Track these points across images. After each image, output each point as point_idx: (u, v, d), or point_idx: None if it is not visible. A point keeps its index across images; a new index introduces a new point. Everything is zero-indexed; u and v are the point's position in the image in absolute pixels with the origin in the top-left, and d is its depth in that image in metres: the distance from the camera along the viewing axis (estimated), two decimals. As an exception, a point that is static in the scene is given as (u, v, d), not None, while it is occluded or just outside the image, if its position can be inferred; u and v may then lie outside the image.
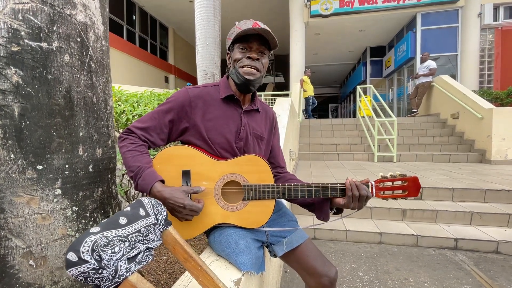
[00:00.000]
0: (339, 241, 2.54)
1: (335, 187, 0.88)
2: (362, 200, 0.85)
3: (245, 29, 0.86)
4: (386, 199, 0.91)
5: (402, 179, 0.89)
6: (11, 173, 0.69)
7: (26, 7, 0.69)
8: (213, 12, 3.50)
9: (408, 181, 0.89)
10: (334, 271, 0.94)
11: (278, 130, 1.16)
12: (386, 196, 0.90)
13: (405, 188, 0.89)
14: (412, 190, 0.89)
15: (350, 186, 0.85)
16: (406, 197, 0.89)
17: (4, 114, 0.67)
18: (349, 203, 0.86)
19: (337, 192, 0.88)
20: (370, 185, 0.88)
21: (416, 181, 0.89)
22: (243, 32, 0.87)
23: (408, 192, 0.89)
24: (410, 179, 0.88)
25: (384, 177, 0.90)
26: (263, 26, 0.88)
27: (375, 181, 0.89)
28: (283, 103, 3.88)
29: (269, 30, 0.87)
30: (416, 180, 0.89)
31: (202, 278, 0.58)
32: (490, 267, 2.05)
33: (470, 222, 2.65)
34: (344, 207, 0.89)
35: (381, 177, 0.90)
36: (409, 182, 0.89)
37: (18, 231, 0.71)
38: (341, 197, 0.89)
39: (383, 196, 0.90)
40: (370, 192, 0.86)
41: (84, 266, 0.39)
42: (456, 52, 8.20)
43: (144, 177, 0.80)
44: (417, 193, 0.88)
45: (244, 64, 0.90)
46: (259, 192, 0.88)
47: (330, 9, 8.62)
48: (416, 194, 0.89)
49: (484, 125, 5.03)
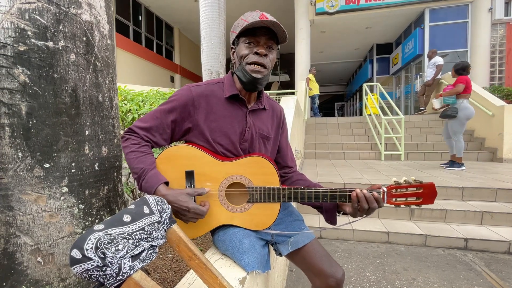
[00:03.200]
0: (346, 240, 2.51)
1: (344, 193, 0.84)
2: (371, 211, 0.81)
3: (252, 22, 0.79)
4: (399, 206, 0.84)
5: (417, 185, 0.82)
6: (19, 171, 0.70)
7: (33, 7, 0.70)
8: (218, 11, 3.50)
9: (424, 187, 0.82)
10: (341, 272, 0.91)
11: (286, 127, 1.09)
12: (398, 203, 0.83)
13: (419, 195, 0.83)
14: (427, 197, 0.82)
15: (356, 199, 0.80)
16: (421, 204, 0.83)
17: (12, 113, 0.68)
18: (355, 213, 0.82)
19: (346, 198, 0.84)
20: (381, 192, 0.82)
21: (432, 188, 0.82)
22: (250, 25, 0.80)
23: (422, 200, 0.83)
24: (426, 185, 0.82)
25: (398, 183, 0.83)
26: (271, 18, 0.81)
27: (387, 187, 0.83)
28: (288, 102, 3.86)
29: (278, 22, 0.80)
30: (432, 187, 0.82)
31: (207, 276, 0.58)
32: (502, 268, 1.99)
33: (480, 222, 2.59)
34: (350, 215, 0.85)
35: (394, 183, 0.84)
36: (425, 189, 0.82)
37: (26, 229, 0.72)
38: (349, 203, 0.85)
39: (396, 203, 0.84)
40: (381, 201, 0.81)
41: (88, 263, 0.39)
42: (466, 48, 8.00)
43: (148, 179, 0.78)
44: (433, 201, 0.82)
45: (251, 60, 0.83)
46: (264, 195, 0.85)
47: (336, 6, 8.52)
48: (432, 202, 0.82)
49: (495, 122, 4.90)
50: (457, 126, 3.87)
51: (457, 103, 3.85)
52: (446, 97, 3.92)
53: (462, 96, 3.82)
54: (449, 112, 3.85)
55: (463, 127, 3.86)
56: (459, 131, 3.88)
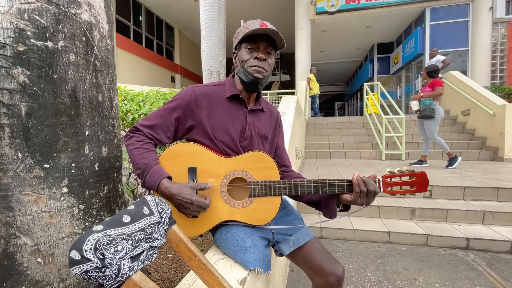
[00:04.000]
0: (347, 240, 2.51)
1: (342, 183, 0.87)
2: (370, 195, 0.84)
3: (253, 29, 0.86)
4: (394, 194, 0.90)
5: (410, 174, 0.88)
6: (19, 171, 0.70)
7: (32, 7, 0.70)
8: (218, 11, 3.50)
9: (416, 176, 0.88)
10: (341, 270, 0.93)
11: (282, 130, 1.16)
12: (393, 192, 0.89)
13: (413, 184, 0.88)
14: (421, 185, 0.87)
15: (357, 182, 0.84)
16: (415, 192, 0.88)
17: (12, 114, 0.68)
18: (357, 199, 0.85)
19: (344, 188, 0.87)
20: (377, 181, 0.87)
21: (424, 177, 0.88)
22: (251, 32, 0.87)
23: (416, 188, 0.88)
24: (418, 174, 0.88)
25: (392, 173, 0.89)
26: (271, 26, 0.88)
27: (383, 177, 0.89)
28: (288, 101, 3.85)
29: (276, 30, 0.87)
30: (424, 176, 0.88)
31: (207, 277, 0.57)
32: (504, 268, 1.99)
33: (482, 222, 2.58)
34: (352, 203, 0.88)
35: (388, 173, 0.89)
36: (417, 178, 0.88)
37: (26, 229, 0.72)
38: (348, 193, 0.88)
39: (391, 192, 0.89)
40: (377, 188, 0.85)
41: (87, 264, 0.38)
42: (467, 47, 7.99)
43: (152, 173, 0.80)
44: (425, 189, 0.87)
45: (252, 64, 0.90)
46: (265, 188, 0.88)
47: (336, 5, 8.51)
48: (425, 190, 0.88)
49: (497, 121, 4.88)
50: (434, 126, 4.08)
51: (433, 105, 4.04)
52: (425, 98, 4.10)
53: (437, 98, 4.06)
54: (428, 113, 4.02)
55: (437, 127, 4.10)
56: (435, 131, 4.10)
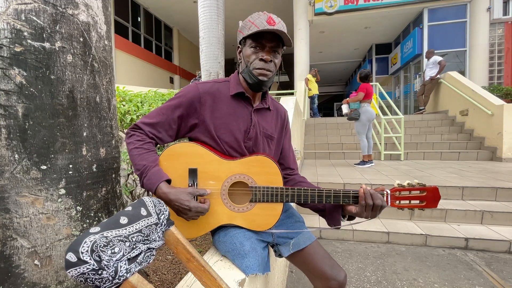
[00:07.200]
0: (346, 240, 2.50)
1: (348, 195, 0.83)
2: (376, 210, 0.80)
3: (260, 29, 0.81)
4: (402, 209, 0.84)
5: (421, 188, 0.83)
6: (16, 173, 0.69)
7: (29, 8, 0.69)
8: (217, 12, 3.50)
9: (427, 191, 0.82)
10: (343, 275, 0.90)
11: (289, 129, 1.10)
12: (402, 206, 0.83)
13: (423, 199, 0.83)
14: (431, 201, 0.82)
15: (364, 195, 0.80)
16: (424, 208, 0.83)
17: (8, 115, 0.68)
18: (362, 212, 0.82)
19: (350, 199, 0.84)
20: (385, 194, 0.83)
21: (435, 192, 0.82)
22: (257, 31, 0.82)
23: (426, 203, 0.82)
24: (430, 189, 0.82)
25: (401, 186, 0.84)
26: (278, 20, 0.83)
27: (391, 190, 0.84)
28: (287, 102, 3.86)
29: (284, 31, 0.82)
30: (435, 191, 0.82)
31: (205, 279, 0.57)
32: (503, 268, 1.99)
33: (481, 221, 2.59)
34: (356, 215, 0.85)
35: (397, 186, 0.84)
36: (428, 193, 0.82)
37: (23, 231, 0.71)
38: (354, 204, 0.84)
39: (399, 206, 0.84)
40: (385, 202, 0.82)
41: (83, 266, 0.38)
42: (465, 47, 8.01)
43: (150, 176, 0.78)
44: (436, 205, 0.82)
45: (257, 66, 0.86)
46: (267, 194, 0.85)
47: (335, 6, 8.52)
48: (435, 205, 0.82)
49: (495, 121, 4.90)
50: (359, 127, 4.39)
51: (361, 107, 4.37)
52: (352, 102, 4.44)
53: (364, 101, 4.35)
54: (352, 115, 4.38)
55: (365, 128, 4.38)
56: (361, 132, 4.40)
